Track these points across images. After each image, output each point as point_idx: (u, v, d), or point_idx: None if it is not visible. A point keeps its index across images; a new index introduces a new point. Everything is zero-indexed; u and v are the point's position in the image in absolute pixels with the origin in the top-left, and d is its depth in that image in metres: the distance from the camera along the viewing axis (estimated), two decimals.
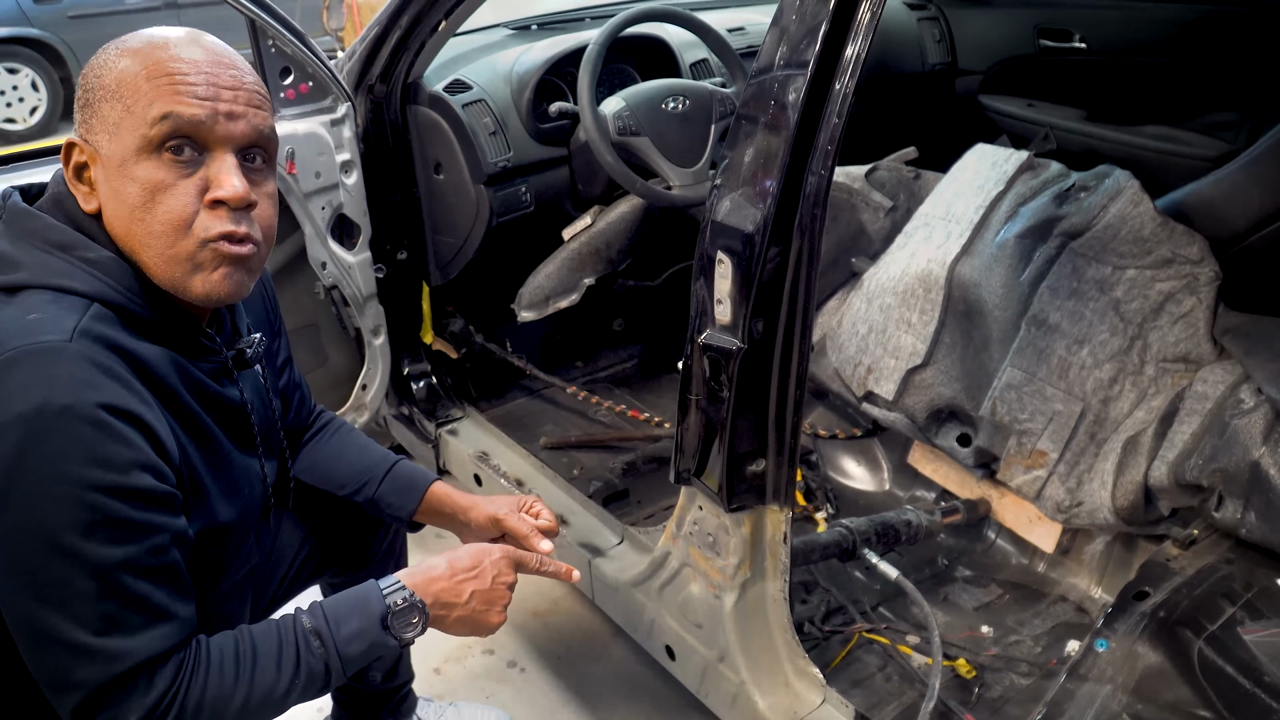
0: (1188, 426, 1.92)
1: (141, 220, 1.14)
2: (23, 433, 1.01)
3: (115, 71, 1.14)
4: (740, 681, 1.76)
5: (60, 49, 7.30)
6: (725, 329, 1.52)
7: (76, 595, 1.05)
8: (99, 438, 1.04)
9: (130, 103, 1.13)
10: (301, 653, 1.22)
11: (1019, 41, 3.11)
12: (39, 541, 1.04)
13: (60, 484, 1.02)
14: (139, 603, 1.09)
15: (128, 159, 1.13)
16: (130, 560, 1.07)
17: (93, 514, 1.04)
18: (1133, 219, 2.03)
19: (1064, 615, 2.10)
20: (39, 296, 1.10)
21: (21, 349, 1.04)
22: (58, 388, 1.03)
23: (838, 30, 1.35)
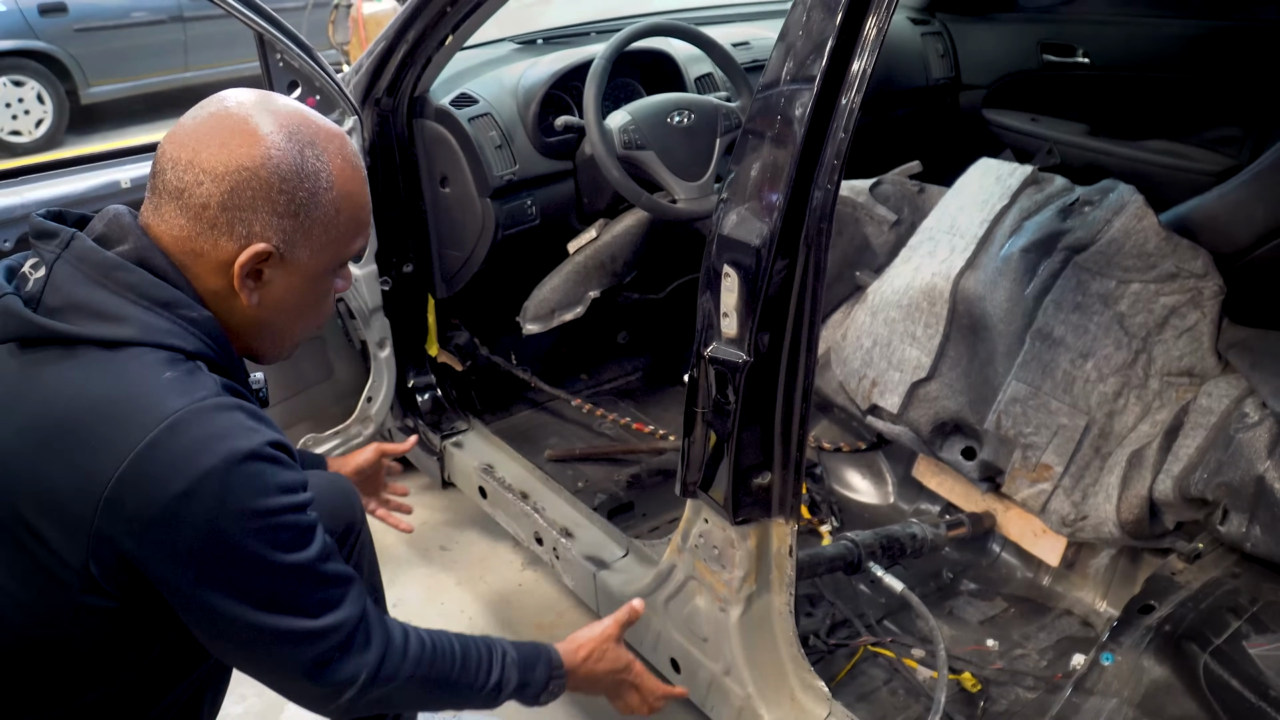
0: (1192, 440, 1.93)
1: (309, 320, 1.33)
2: (217, 484, 1.09)
3: (335, 202, 1.23)
4: (746, 695, 1.76)
5: (66, 62, 7.32)
6: (731, 342, 1.52)
7: (293, 595, 1.19)
8: (277, 470, 1.15)
9: (344, 233, 1.26)
10: (496, 672, 1.45)
11: (1023, 57, 3.13)
12: (255, 569, 1.15)
13: (261, 517, 1.13)
14: (334, 579, 1.24)
15: (319, 274, 1.27)
16: (319, 553, 1.21)
17: (290, 532, 1.17)
18: (1137, 233, 2.03)
19: (1069, 629, 2.10)
20: (154, 355, 1.15)
21: (187, 409, 1.11)
22: (234, 438, 1.12)
23: (844, 46, 1.36)
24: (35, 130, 7.31)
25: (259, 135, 1.17)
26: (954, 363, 2.15)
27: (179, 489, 1.08)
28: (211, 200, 1.17)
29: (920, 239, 2.29)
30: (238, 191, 1.16)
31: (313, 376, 2.56)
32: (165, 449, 1.09)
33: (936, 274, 2.16)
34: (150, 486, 1.08)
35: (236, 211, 1.17)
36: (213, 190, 1.16)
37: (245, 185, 1.16)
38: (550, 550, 2.27)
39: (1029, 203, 2.16)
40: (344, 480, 1.85)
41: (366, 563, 1.86)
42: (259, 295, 1.24)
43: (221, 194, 1.16)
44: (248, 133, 1.17)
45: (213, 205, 1.17)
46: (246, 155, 1.16)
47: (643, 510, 2.46)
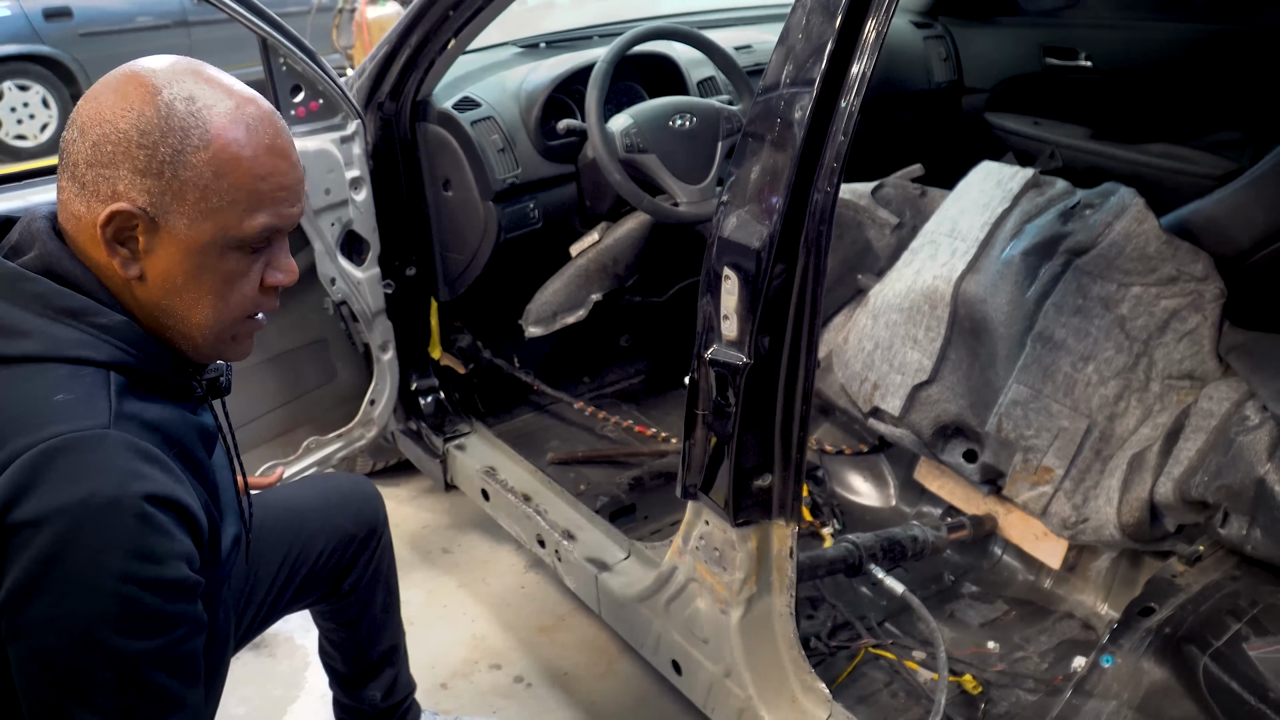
0: (1193, 443, 1.93)
1: (212, 305, 1.16)
2: (66, 525, 1.00)
3: (209, 164, 1.10)
4: (747, 697, 1.76)
5: (71, 66, 7.33)
6: (732, 344, 1.53)
7: (98, 687, 1.04)
8: (142, 531, 1.03)
9: (229, 201, 1.12)
10: None
11: (1025, 60, 3.13)
12: (68, 633, 1.02)
13: (98, 577, 1.01)
14: (157, 693, 1.08)
15: (209, 248, 1.13)
16: (154, 652, 1.06)
17: (126, 608, 1.03)
18: (1138, 236, 2.04)
19: (1070, 631, 2.10)
20: (55, 371, 1.07)
21: (64, 438, 1.02)
22: (103, 479, 1.01)
23: (843, 48, 1.36)
24: (40, 135, 7.32)
25: (134, 86, 1.09)
26: (955, 366, 2.16)
27: (28, 516, 0.99)
28: (80, 157, 1.09)
29: (922, 242, 2.29)
30: (100, 146, 1.08)
31: (315, 380, 2.57)
32: (30, 476, 1.00)
33: (938, 277, 2.16)
34: (6, 510, 1.00)
35: (100, 169, 1.08)
36: (81, 147, 1.09)
37: (106, 139, 1.08)
38: (552, 553, 2.27)
39: (1030, 206, 2.17)
40: (367, 483, 1.85)
41: (386, 565, 1.88)
42: (139, 268, 1.13)
43: (87, 150, 1.09)
44: (124, 84, 1.09)
45: (80, 163, 1.09)
46: (111, 107, 1.08)
47: (644, 513, 2.46)
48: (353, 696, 1.98)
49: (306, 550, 1.75)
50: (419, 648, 2.06)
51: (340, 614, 1.88)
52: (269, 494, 1.75)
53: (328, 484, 1.89)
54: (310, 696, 2.35)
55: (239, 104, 1.13)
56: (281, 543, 1.70)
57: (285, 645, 2.48)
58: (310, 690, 2.36)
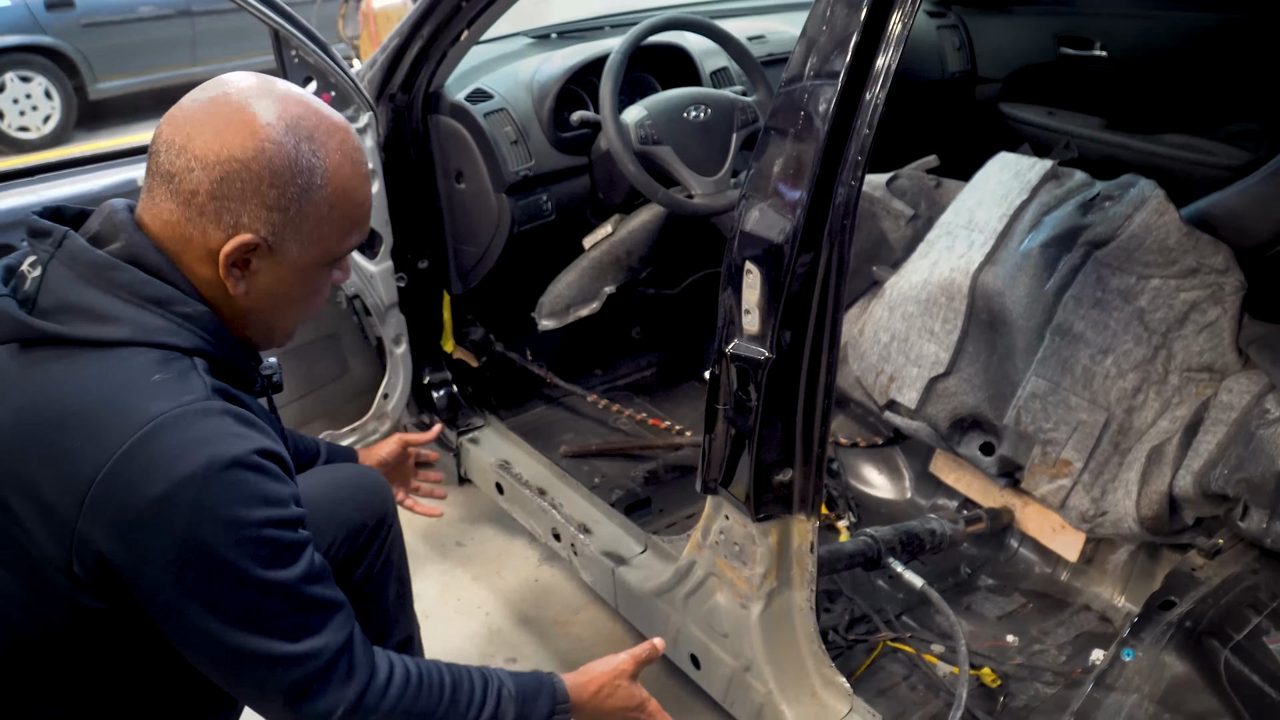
0: (1213, 436, 1.92)
1: (300, 311, 1.31)
2: (196, 491, 1.08)
3: (330, 192, 1.20)
4: (767, 691, 1.76)
5: (74, 57, 7.32)
6: (753, 339, 1.52)
7: (270, 615, 1.15)
8: (262, 480, 1.13)
9: (334, 229, 1.23)
10: (492, 706, 1.37)
11: (1039, 49, 3.12)
12: (232, 582, 1.12)
13: (241, 528, 1.11)
14: (317, 605, 1.21)
15: (310, 267, 1.25)
16: (303, 573, 1.18)
17: (271, 547, 1.14)
18: (1158, 228, 2.03)
19: (1088, 624, 2.10)
20: (148, 355, 1.14)
21: (170, 412, 1.09)
22: (217, 444, 1.10)
23: (868, 41, 1.35)
24: (43, 126, 7.31)
25: (255, 125, 1.15)
26: (972, 358, 2.15)
27: (156, 493, 1.06)
28: (201, 188, 1.15)
29: (938, 234, 2.28)
30: (228, 181, 1.14)
31: (328, 373, 2.56)
32: (146, 452, 1.07)
33: (955, 269, 2.15)
34: (129, 490, 1.07)
35: (225, 201, 1.15)
36: (203, 178, 1.14)
37: (236, 176, 1.14)
38: (568, 546, 2.27)
39: (1049, 197, 2.16)
40: (375, 473, 1.86)
41: (397, 556, 1.87)
42: (246, 285, 1.21)
43: (211, 183, 1.14)
44: (244, 121, 1.15)
45: (202, 193, 1.15)
46: (239, 145, 1.14)
47: (660, 506, 2.46)
48: None
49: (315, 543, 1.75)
50: (435, 641, 2.05)
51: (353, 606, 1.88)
52: None
53: (333, 475, 1.88)
54: None
55: (344, 139, 1.23)
56: None
57: None
58: None
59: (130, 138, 7.37)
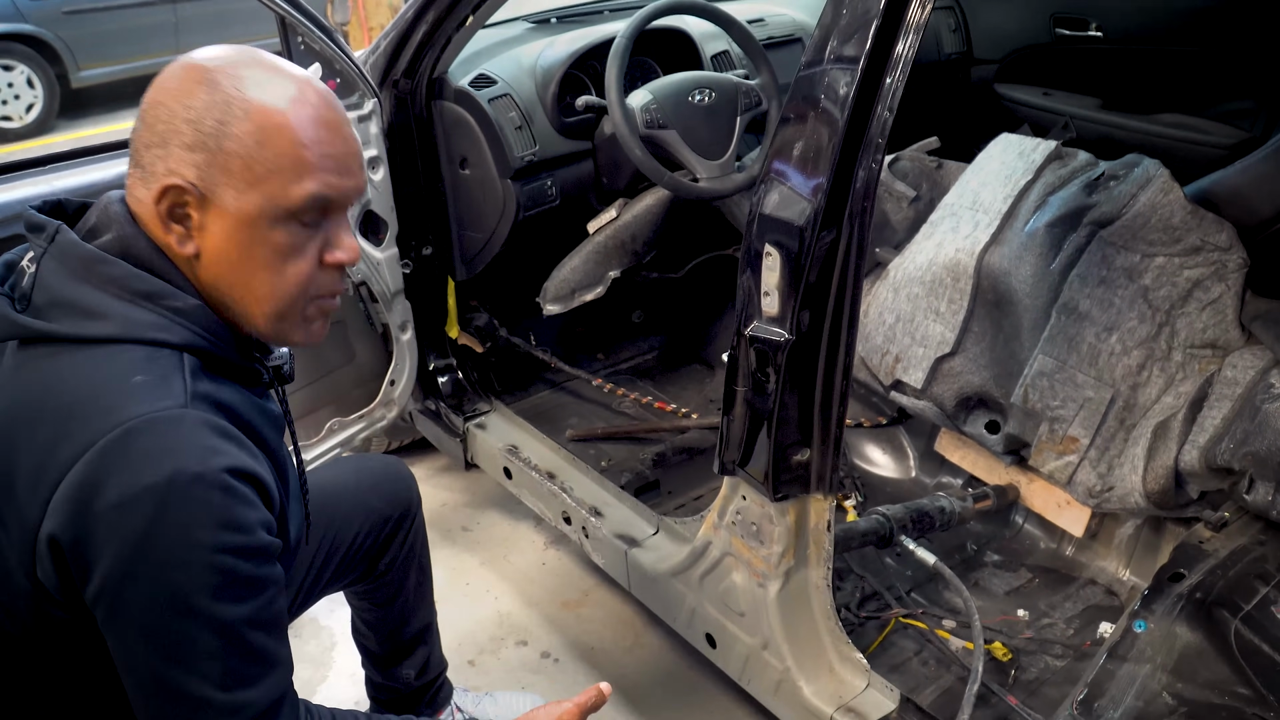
0: (1218, 411, 1.95)
1: (266, 280, 1.16)
2: (156, 503, 1.03)
3: (253, 131, 1.11)
4: (785, 668, 1.78)
5: (56, 45, 7.25)
6: (772, 321, 1.54)
7: (205, 654, 1.08)
8: (227, 502, 1.06)
9: (273, 170, 1.12)
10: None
11: (1034, 30, 3.13)
12: (172, 606, 1.06)
13: (194, 550, 1.05)
14: (258, 655, 1.12)
15: (258, 220, 1.13)
16: (252, 616, 1.10)
17: (223, 576, 1.07)
18: (1163, 207, 2.05)
19: (1094, 598, 2.13)
20: (132, 353, 1.10)
21: (143, 418, 1.05)
22: (185, 456, 1.04)
23: (888, 27, 1.37)
24: (26, 115, 7.24)
25: (187, 69, 1.11)
26: (978, 338, 2.17)
27: (115, 499, 1.02)
28: (140, 142, 1.12)
29: (942, 215, 2.30)
30: (152, 127, 1.11)
31: (335, 361, 2.57)
32: (113, 456, 1.04)
33: (960, 249, 2.17)
34: (92, 493, 1.03)
35: (153, 150, 1.11)
36: (140, 131, 1.12)
37: (157, 119, 1.10)
38: (579, 529, 2.29)
39: (1053, 178, 2.18)
40: (400, 464, 1.87)
41: (419, 545, 1.89)
42: (194, 245, 1.14)
43: (144, 133, 1.12)
44: (178, 72, 1.12)
45: (140, 147, 1.12)
46: (165, 92, 1.11)
47: (669, 488, 2.48)
48: (386, 675, 2.00)
49: (343, 532, 1.76)
50: (445, 625, 2.07)
51: (375, 594, 1.90)
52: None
53: (360, 465, 1.90)
54: (339, 676, 2.37)
55: (286, 79, 1.14)
56: (318, 525, 1.70)
57: (311, 626, 2.49)
58: (339, 670, 2.38)
59: (114, 126, 7.32)
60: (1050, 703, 1.79)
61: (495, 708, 2.18)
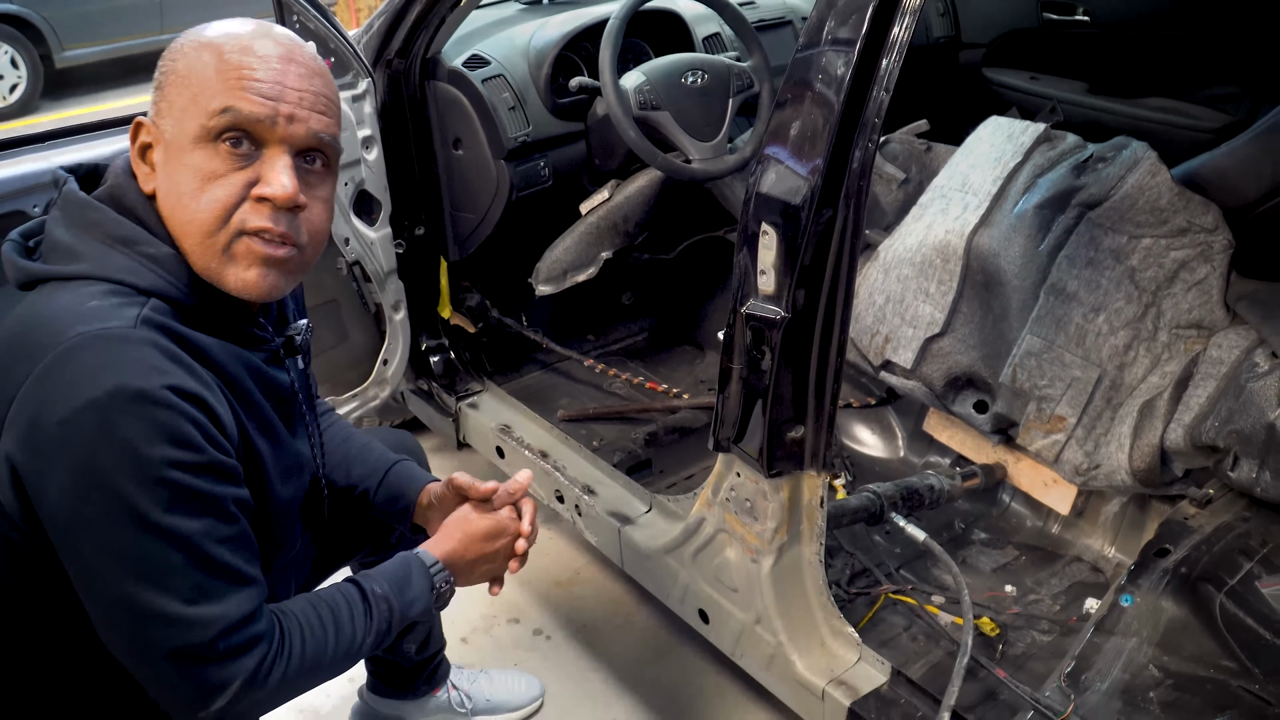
0: (1203, 390, 1.98)
1: (187, 206, 1.17)
2: (99, 418, 1.04)
3: (188, 59, 1.18)
4: (778, 643, 1.81)
5: (39, 25, 7.20)
6: (768, 299, 1.55)
7: (167, 568, 1.09)
8: (172, 417, 1.07)
9: (197, 91, 1.16)
10: (375, 613, 1.33)
11: (1022, 14, 3.16)
12: (128, 521, 1.07)
13: (142, 465, 1.06)
14: (222, 569, 1.14)
15: (186, 145, 1.16)
16: (210, 531, 1.12)
17: (175, 490, 1.08)
18: (1150, 189, 2.08)
19: (1080, 575, 2.17)
20: (95, 287, 1.13)
21: (87, 334, 1.07)
22: (128, 372, 1.06)
23: (884, 11, 1.39)
24: (9, 96, 7.20)
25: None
26: (967, 318, 2.20)
27: (61, 415, 1.05)
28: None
29: (932, 197, 2.32)
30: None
31: (329, 340, 2.58)
32: (57, 373, 1.06)
33: (950, 231, 2.19)
34: (40, 408, 1.06)
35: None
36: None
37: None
38: (572, 508, 2.31)
39: (1042, 160, 2.20)
40: (410, 437, 1.88)
41: None
42: (154, 183, 1.20)
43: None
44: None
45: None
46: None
47: (660, 467, 2.50)
48: (388, 649, 2.02)
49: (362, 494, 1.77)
50: None
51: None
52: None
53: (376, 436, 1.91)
54: None
55: (239, 24, 1.21)
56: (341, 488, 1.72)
57: None
58: None
59: (99, 106, 7.27)
60: (1038, 676, 1.81)
61: (490, 685, 2.21)
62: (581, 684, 2.29)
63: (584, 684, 2.29)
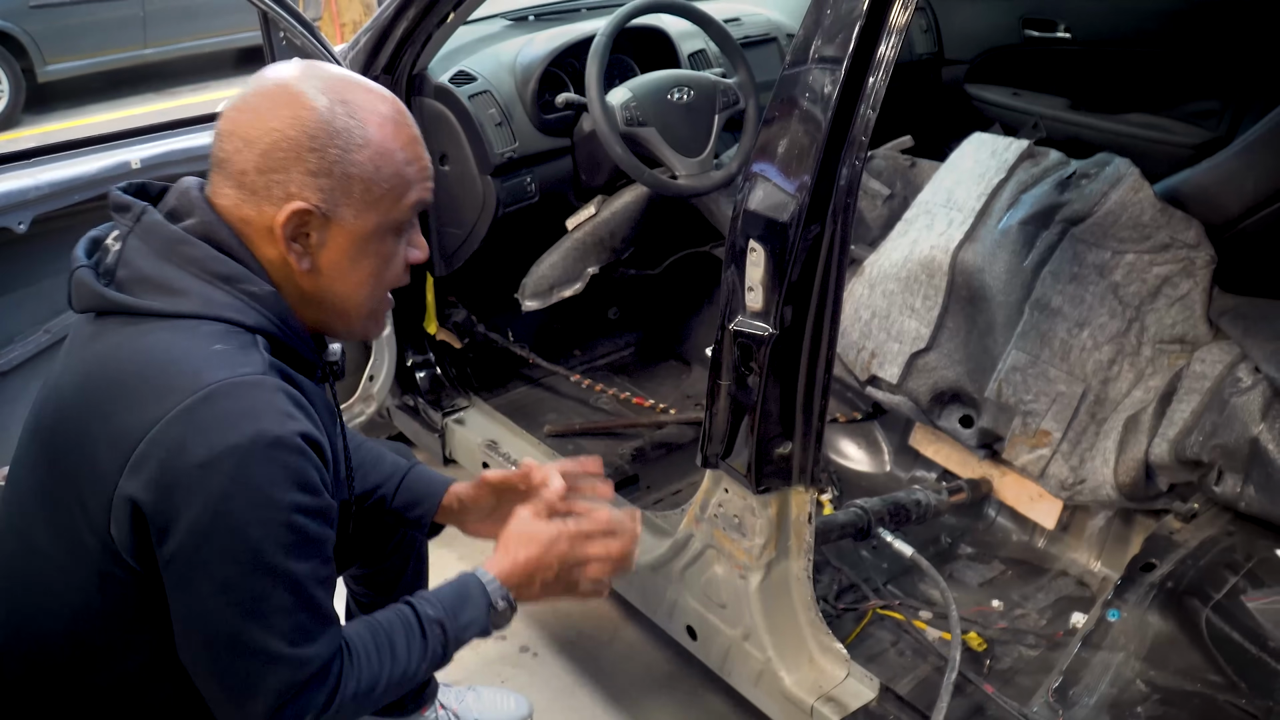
0: (1187, 405, 2.00)
1: (365, 285, 1.28)
2: (238, 463, 1.09)
3: (370, 155, 1.21)
4: (766, 659, 1.81)
5: (22, 39, 7.17)
6: (756, 315, 1.56)
7: (276, 609, 1.15)
8: (302, 464, 1.14)
9: (389, 187, 1.24)
10: (429, 638, 1.35)
11: (1004, 31, 3.18)
12: (250, 562, 1.12)
13: (271, 508, 1.12)
14: (320, 611, 1.21)
15: (370, 233, 1.25)
16: (314, 573, 1.19)
17: (294, 534, 1.14)
18: (1133, 205, 2.10)
19: (1066, 589, 2.17)
20: (211, 327, 1.17)
21: (226, 381, 1.12)
22: (266, 419, 1.12)
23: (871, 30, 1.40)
24: None
25: (292, 97, 1.19)
26: (953, 333, 2.21)
27: (199, 459, 1.09)
28: (249, 166, 1.19)
29: (916, 212, 2.34)
30: (270, 154, 1.18)
31: None
32: (197, 417, 1.10)
33: (935, 246, 2.21)
34: (175, 451, 1.09)
35: (272, 174, 1.19)
36: (249, 156, 1.19)
37: (277, 147, 1.18)
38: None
39: (1026, 176, 2.22)
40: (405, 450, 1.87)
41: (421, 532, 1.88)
42: (311, 261, 1.24)
43: (257, 158, 1.19)
44: (283, 96, 1.20)
45: (250, 170, 1.19)
46: (278, 117, 1.18)
47: (647, 483, 2.50)
48: None
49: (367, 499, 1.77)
50: None
51: (375, 579, 1.92)
52: None
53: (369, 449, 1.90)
54: None
55: (380, 101, 1.25)
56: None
57: None
58: None
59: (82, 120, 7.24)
60: (1025, 691, 1.82)
61: (478, 703, 2.20)
62: (568, 700, 2.28)
63: (571, 700, 2.28)
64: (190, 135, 2.15)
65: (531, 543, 1.46)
